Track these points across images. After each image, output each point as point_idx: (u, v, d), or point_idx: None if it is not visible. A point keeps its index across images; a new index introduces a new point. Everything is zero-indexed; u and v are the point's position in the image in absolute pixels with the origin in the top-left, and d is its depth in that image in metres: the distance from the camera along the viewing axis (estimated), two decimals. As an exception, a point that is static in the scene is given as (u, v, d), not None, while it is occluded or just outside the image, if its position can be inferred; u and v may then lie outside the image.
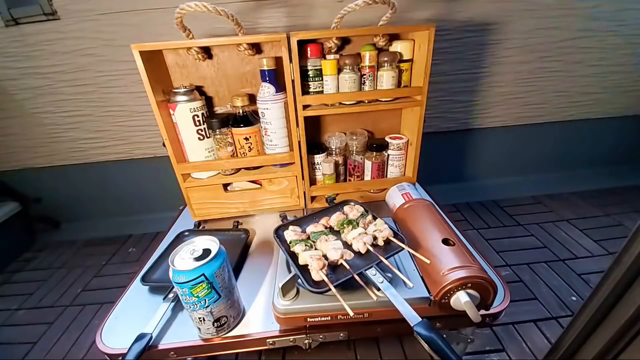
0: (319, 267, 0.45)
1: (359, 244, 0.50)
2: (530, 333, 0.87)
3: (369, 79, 0.72)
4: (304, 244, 0.50)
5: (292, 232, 0.54)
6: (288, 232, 0.55)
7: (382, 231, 0.52)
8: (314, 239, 0.53)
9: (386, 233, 0.51)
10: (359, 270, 0.46)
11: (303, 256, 0.48)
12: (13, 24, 1.05)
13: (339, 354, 0.85)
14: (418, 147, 0.78)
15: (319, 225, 0.57)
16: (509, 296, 0.52)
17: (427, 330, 0.36)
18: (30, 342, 0.97)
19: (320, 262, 0.45)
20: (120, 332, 0.51)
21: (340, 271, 0.47)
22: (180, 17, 0.61)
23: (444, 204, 0.99)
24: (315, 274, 0.45)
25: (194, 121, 0.69)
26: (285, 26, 1.08)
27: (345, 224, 0.55)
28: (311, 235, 0.54)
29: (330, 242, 0.51)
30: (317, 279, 0.45)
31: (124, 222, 1.48)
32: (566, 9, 1.13)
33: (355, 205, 0.61)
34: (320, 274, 0.44)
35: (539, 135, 1.41)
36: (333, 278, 0.44)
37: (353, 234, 0.52)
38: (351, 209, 0.60)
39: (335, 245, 0.49)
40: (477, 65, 1.20)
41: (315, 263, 0.45)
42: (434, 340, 0.35)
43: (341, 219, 0.57)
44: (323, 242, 0.51)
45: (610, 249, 1.13)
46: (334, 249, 0.48)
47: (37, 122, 1.22)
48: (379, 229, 0.53)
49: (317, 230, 0.55)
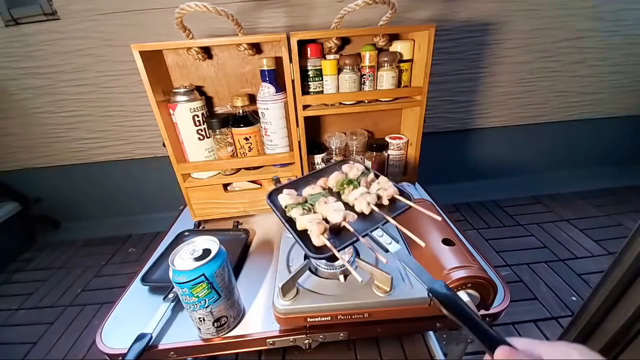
0: (319, 231, 0.40)
1: (362, 205, 0.45)
2: (530, 333, 0.87)
3: (369, 79, 0.72)
4: (302, 208, 0.46)
5: (288, 196, 0.48)
6: (283, 196, 0.49)
7: (386, 189, 0.47)
8: (312, 202, 0.48)
9: (391, 191, 0.47)
10: (365, 233, 0.42)
11: (301, 221, 0.43)
12: (13, 24, 1.05)
13: (339, 354, 0.85)
14: (418, 147, 0.78)
15: (316, 187, 0.51)
16: (509, 296, 0.51)
17: (445, 289, 0.33)
18: (30, 342, 0.97)
19: (320, 225, 0.41)
20: (120, 332, 0.51)
21: (344, 235, 0.43)
22: (180, 17, 0.61)
23: (444, 204, 0.99)
24: (316, 239, 0.40)
25: (194, 121, 0.69)
26: (285, 26, 1.08)
27: (345, 184, 0.50)
28: (309, 199, 0.49)
29: (330, 204, 0.46)
30: (318, 244, 0.40)
31: (124, 222, 1.48)
32: (566, 9, 1.13)
33: (354, 163, 0.55)
34: (322, 238, 0.40)
35: (539, 135, 1.41)
36: (336, 243, 0.40)
37: (355, 194, 0.47)
38: (350, 167, 0.54)
39: (337, 207, 0.44)
40: (477, 65, 1.20)
41: (316, 227, 0.40)
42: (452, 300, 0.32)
43: (340, 179, 0.51)
44: (322, 205, 0.46)
45: (610, 249, 1.13)
46: (335, 210, 0.44)
47: (37, 122, 1.22)
48: (383, 187, 0.48)
49: (315, 192, 0.50)
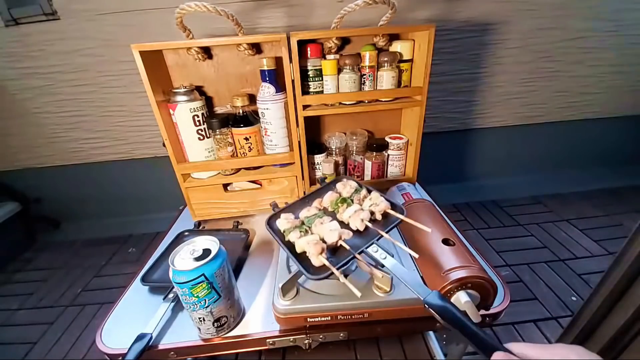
0: (317, 251, 0.42)
1: (357, 222, 0.47)
2: (530, 333, 0.87)
3: (369, 79, 0.72)
4: (299, 231, 0.47)
5: (285, 221, 0.50)
6: (280, 221, 0.51)
7: (378, 204, 0.49)
8: (308, 223, 0.49)
9: (383, 206, 0.48)
10: (360, 250, 0.43)
11: (299, 243, 0.45)
12: (13, 24, 1.05)
13: (339, 354, 0.85)
14: (418, 147, 0.78)
15: (312, 209, 0.53)
16: (509, 296, 0.51)
17: (440, 300, 0.34)
18: (30, 342, 0.97)
19: (318, 246, 0.42)
20: (120, 332, 0.51)
21: (341, 253, 0.44)
22: (180, 17, 0.61)
23: (444, 204, 0.99)
24: (315, 259, 0.42)
25: (194, 121, 0.69)
26: (285, 26, 1.08)
27: (339, 203, 0.52)
28: (305, 221, 0.50)
29: (325, 224, 0.47)
30: (317, 265, 0.42)
31: (124, 222, 1.48)
32: (566, 9, 1.13)
33: (348, 181, 0.57)
34: (321, 258, 0.41)
35: (539, 135, 1.41)
36: (334, 261, 0.42)
37: (348, 212, 0.49)
38: (344, 185, 0.56)
39: (332, 227, 0.46)
40: (477, 65, 1.20)
41: (313, 248, 0.42)
42: (448, 310, 0.33)
43: (334, 199, 0.53)
44: (318, 226, 0.47)
45: (610, 249, 1.13)
46: (331, 230, 0.45)
47: (37, 122, 1.22)
48: (375, 202, 0.49)
49: (311, 214, 0.52)
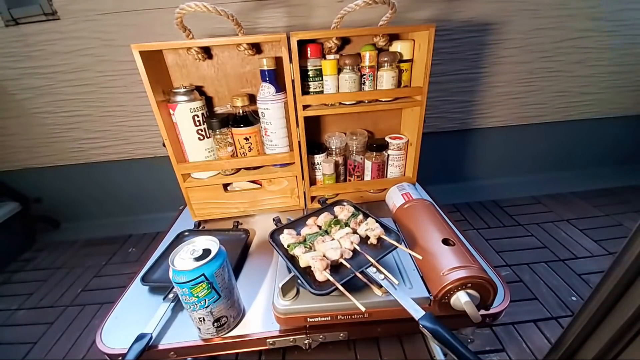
0: (322, 267, 0.44)
1: (346, 244, 0.50)
2: (530, 333, 0.87)
3: (369, 79, 0.72)
4: (303, 246, 0.50)
5: (289, 236, 0.54)
6: (284, 235, 0.54)
7: (373, 230, 0.51)
8: (310, 240, 0.52)
9: (378, 232, 0.51)
10: (361, 269, 0.45)
11: (304, 258, 0.47)
12: (13, 24, 1.05)
13: (339, 354, 0.85)
14: (418, 147, 0.78)
15: (313, 227, 0.56)
16: (509, 296, 0.52)
17: (432, 322, 0.36)
18: (30, 342, 0.97)
19: (323, 262, 0.45)
20: (120, 332, 0.51)
21: (341, 271, 0.47)
22: (180, 17, 0.61)
23: (444, 204, 0.99)
24: (320, 274, 0.44)
25: (194, 121, 0.69)
26: (285, 26, 1.08)
27: (332, 224, 0.55)
28: (307, 238, 0.54)
29: (327, 242, 0.50)
30: (321, 280, 0.44)
31: (124, 222, 1.48)
32: (566, 9, 1.13)
33: (346, 205, 0.61)
34: (325, 274, 0.44)
35: (539, 135, 1.41)
36: (336, 278, 0.44)
37: (340, 233, 0.52)
38: (342, 209, 0.60)
39: (333, 245, 0.49)
40: (477, 65, 1.20)
41: (319, 263, 0.45)
42: (440, 332, 0.35)
43: (328, 220, 0.56)
44: (320, 244, 0.50)
45: (610, 249, 1.12)
46: (333, 248, 0.48)
47: (37, 122, 1.22)
48: (371, 227, 0.52)
49: (313, 232, 0.55)
